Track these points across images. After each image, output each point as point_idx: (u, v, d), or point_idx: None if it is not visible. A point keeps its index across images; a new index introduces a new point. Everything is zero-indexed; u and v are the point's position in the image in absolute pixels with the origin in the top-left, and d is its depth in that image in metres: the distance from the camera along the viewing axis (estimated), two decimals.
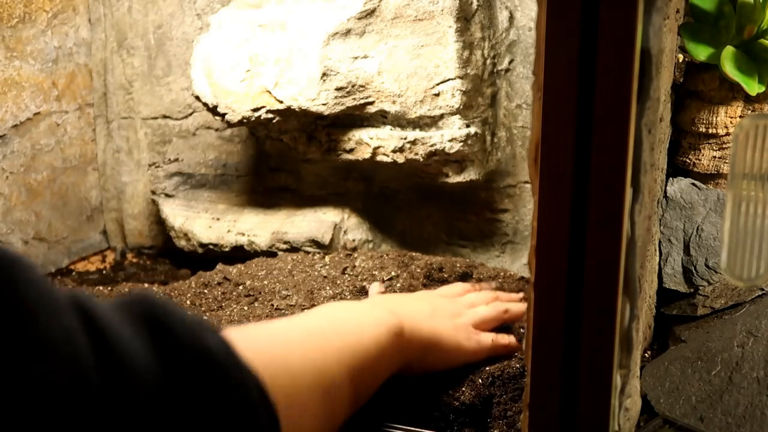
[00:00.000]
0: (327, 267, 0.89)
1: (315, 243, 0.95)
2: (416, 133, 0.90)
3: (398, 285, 0.84)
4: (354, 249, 0.97)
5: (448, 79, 0.88)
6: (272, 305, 0.82)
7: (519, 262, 0.97)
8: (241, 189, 1.08)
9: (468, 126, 0.90)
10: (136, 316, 0.40)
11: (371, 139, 0.91)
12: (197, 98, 0.96)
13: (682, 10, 0.76)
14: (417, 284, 0.84)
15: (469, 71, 0.89)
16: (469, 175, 0.92)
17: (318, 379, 0.50)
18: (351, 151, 0.93)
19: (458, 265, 0.89)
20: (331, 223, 0.96)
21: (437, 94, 0.88)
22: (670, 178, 0.81)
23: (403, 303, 0.63)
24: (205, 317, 0.57)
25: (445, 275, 0.87)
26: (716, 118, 0.79)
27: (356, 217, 0.99)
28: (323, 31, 0.88)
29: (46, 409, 0.34)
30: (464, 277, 0.88)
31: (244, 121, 0.93)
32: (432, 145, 0.89)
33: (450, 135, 0.89)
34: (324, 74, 0.87)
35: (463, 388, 0.69)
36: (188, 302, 0.86)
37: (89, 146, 1.17)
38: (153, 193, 1.12)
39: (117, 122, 1.16)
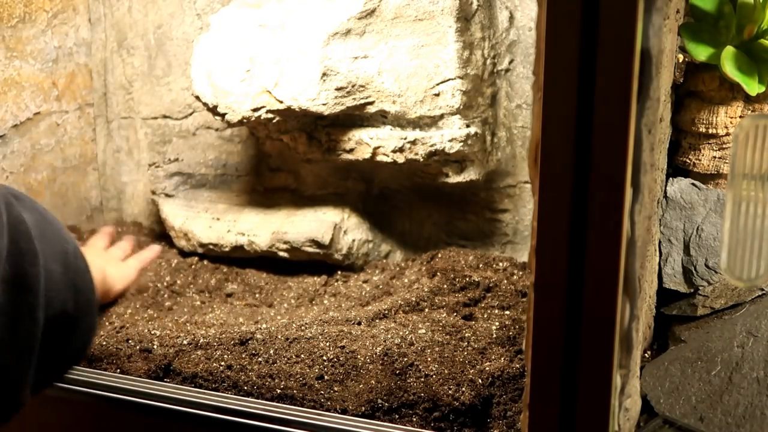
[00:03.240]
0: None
1: (315, 243, 0.95)
2: (416, 133, 0.90)
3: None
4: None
5: (448, 79, 0.88)
6: None
7: None
8: (241, 189, 1.08)
9: (468, 126, 0.90)
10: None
11: (371, 139, 0.91)
12: (197, 98, 0.96)
13: (682, 10, 0.76)
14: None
15: (469, 71, 0.89)
16: (469, 175, 0.92)
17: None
18: (351, 151, 0.93)
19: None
20: (331, 223, 0.96)
21: (437, 94, 0.88)
22: (670, 178, 0.81)
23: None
24: None
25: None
26: (716, 118, 0.79)
27: (356, 217, 0.99)
28: (323, 31, 0.88)
29: None
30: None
31: (244, 121, 0.93)
32: (432, 145, 0.89)
33: (450, 135, 0.89)
34: (324, 74, 0.87)
35: (463, 388, 0.69)
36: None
37: (89, 146, 1.17)
38: (153, 193, 1.12)
39: (117, 122, 1.16)
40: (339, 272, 0.97)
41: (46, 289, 0.59)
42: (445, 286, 0.87)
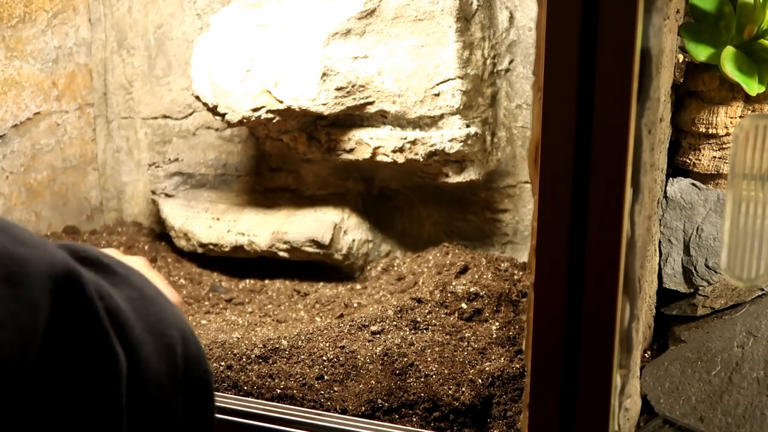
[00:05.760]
0: None
1: (315, 243, 0.95)
2: (416, 133, 0.90)
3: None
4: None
5: (448, 79, 0.88)
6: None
7: None
8: (241, 189, 1.08)
9: (468, 126, 0.90)
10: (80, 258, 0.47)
11: (371, 139, 0.91)
12: (197, 98, 0.96)
13: (682, 10, 0.76)
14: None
15: (469, 71, 0.89)
16: (469, 175, 0.92)
17: None
18: (351, 151, 0.92)
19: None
20: (331, 223, 0.96)
21: (437, 94, 0.88)
22: (670, 178, 0.81)
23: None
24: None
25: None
26: (716, 118, 0.79)
27: (356, 217, 0.99)
28: (323, 31, 0.88)
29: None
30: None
31: (244, 121, 0.93)
32: (432, 145, 0.89)
33: (450, 135, 0.89)
34: (324, 74, 0.87)
35: (463, 388, 0.69)
36: None
37: (89, 146, 1.17)
38: (153, 193, 1.12)
39: (117, 122, 1.16)
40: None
41: (137, 398, 0.45)
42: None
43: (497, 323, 0.80)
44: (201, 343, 0.52)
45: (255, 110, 0.91)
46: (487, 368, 0.71)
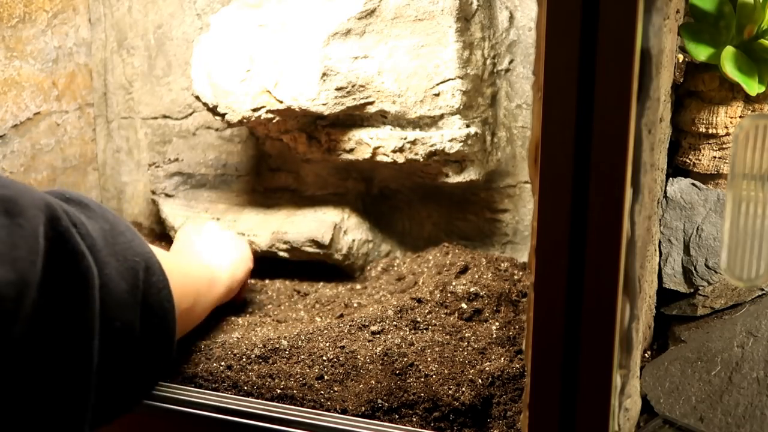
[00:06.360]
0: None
1: (315, 243, 0.95)
2: (416, 133, 0.90)
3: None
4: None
5: (448, 79, 0.88)
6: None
7: None
8: (241, 189, 1.08)
9: (468, 126, 0.90)
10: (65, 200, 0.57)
11: (371, 139, 0.91)
12: (197, 98, 0.96)
13: (682, 10, 0.76)
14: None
15: (469, 71, 0.89)
16: (469, 175, 0.92)
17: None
18: (351, 151, 0.93)
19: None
20: (331, 223, 0.96)
21: (437, 94, 0.88)
22: (670, 178, 0.81)
23: (216, 254, 0.84)
24: None
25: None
26: (716, 118, 0.79)
27: (356, 217, 0.99)
28: (323, 31, 0.88)
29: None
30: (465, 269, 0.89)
31: (244, 121, 0.93)
32: (432, 145, 0.89)
33: (450, 135, 0.89)
34: (324, 74, 0.87)
35: (463, 388, 0.69)
36: None
37: (89, 146, 1.17)
38: (153, 193, 1.12)
39: (117, 122, 1.16)
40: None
41: (103, 309, 0.53)
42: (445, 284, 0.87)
43: (497, 323, 0.81)
44: (167, 279, 0.60)
45: (255, 110, 0.91)
46: (487, 368, 0.71)
